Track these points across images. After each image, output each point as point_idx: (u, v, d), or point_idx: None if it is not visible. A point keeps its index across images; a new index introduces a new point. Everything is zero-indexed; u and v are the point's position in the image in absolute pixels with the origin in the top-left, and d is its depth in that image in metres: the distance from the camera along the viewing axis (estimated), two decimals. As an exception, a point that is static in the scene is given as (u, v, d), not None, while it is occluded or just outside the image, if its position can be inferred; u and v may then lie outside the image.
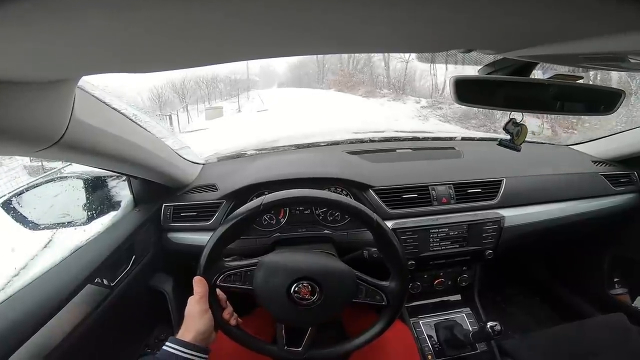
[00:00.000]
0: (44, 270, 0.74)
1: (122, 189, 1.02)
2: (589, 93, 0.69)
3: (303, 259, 0.73)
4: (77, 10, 0.21)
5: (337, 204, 0.74)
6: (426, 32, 0.33)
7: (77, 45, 0.29)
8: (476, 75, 0.65)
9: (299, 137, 1.42)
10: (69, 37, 0.26)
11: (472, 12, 0.27)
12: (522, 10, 0.27)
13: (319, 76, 10.06)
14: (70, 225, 0.90)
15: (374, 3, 0.24)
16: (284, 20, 0.26)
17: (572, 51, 0.46)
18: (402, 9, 0.25)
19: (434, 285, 1.15)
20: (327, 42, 0.35)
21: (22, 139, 0.43)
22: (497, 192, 1.08)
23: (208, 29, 0.27)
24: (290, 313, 0.70)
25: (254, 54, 0.40)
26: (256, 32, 0.28)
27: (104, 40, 0.27)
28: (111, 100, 0.63)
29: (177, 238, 1.02)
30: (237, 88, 9.75)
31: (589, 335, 1.00)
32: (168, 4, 0.21)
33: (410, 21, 0.29)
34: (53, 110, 0.44)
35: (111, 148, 0.65)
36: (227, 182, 1.05)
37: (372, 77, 10.42)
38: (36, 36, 0.25)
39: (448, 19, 0.28)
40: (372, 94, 9.98)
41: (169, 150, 0.94)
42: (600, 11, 0.27)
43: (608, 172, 1.22)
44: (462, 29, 0.32)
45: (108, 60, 0.36)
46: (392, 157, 1.21)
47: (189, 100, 9.23)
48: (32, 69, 0.36)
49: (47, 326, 0.64)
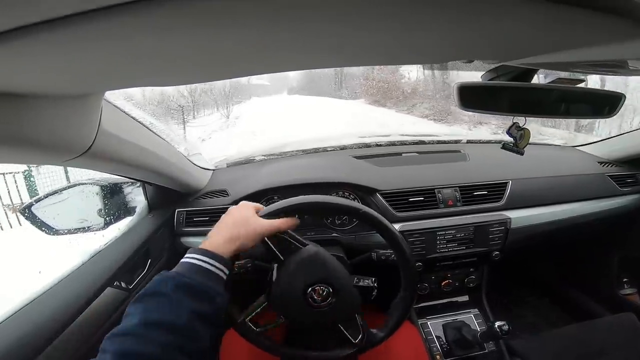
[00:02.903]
0: (66, 274, 0.77)
1: (136, 195, 1.05)
2: (590, 96, 0.70)
3: (323, 263, 0.74)
4: (106, 36, 0.24)
5: (338, 207, 0.77)
6: (429, 45, 0.35)
7: (105, 63, 0.32)
8: (479, 81, 0.67)
9: (307, 142, 1.45)
10: (98, 56, 0.29)
11: (473, 25, 0.29)
12: (522, 22, 0.29)
13: (336, 80, 7.68)
14: (88, 230, 0.94)
15: (380, 17, 0.26)
16: (291, 35, 0.29)
17: (572, 59, 0.48)
18: (405, 23, 0.27)
19: (442, 287, 1.17)
20: (329, 55, 0.37)
21: (53, 149, 0.46)
22: (503, 194, 1.10)
23: (228, 47, 0.30)
24: (301, 314, 0.72)
25: (258, 69, 0.42)
26: (265, 48, 0.31)
27: (130, 58, 0.30)
28: (130, 110, 0.66)
29: (190, 242, 1.05)
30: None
31: (599, 335, 1.00)
32: (191, 30, 0.25)
33: (414, 34, 0.30)
34: (83, 121, 0.48)
35: (132, 156, 0.69)
36: (238, 187, 1.08)
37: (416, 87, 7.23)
38: (68, 55, 0.28)
39: (450, 31, 0.30)
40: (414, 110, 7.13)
41: (182, 157, 0.97)
42: (597, 22, 0.29)
43: (614, 172, 1.23)
44: (463, 40, 0.34)
45: (134, 76, 0.39)
46: (398, 160, 1.23)
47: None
48: (64, 84, 0.39)
49: (69, 329, 0.67)
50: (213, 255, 0.55)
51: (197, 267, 0.54)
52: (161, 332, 0.45)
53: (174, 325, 0.46)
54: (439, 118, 5.75)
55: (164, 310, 0.47)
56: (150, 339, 0.44)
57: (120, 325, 0.47)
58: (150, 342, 0.44)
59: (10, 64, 0.29)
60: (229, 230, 0.61)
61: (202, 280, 0.52)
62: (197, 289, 0.51)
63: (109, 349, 0.44)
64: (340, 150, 1.35)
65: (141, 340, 0.44)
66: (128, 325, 0.46)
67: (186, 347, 0.47)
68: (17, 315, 0.64)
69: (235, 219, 0.64)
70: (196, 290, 0.51)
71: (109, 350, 0.43)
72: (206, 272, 0.54)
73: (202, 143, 4.77)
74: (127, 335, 0.45)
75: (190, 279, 0.51)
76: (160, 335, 0.45)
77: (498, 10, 0.26)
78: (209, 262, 0.55)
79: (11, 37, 0.23)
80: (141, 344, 0.44)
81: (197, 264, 0.54)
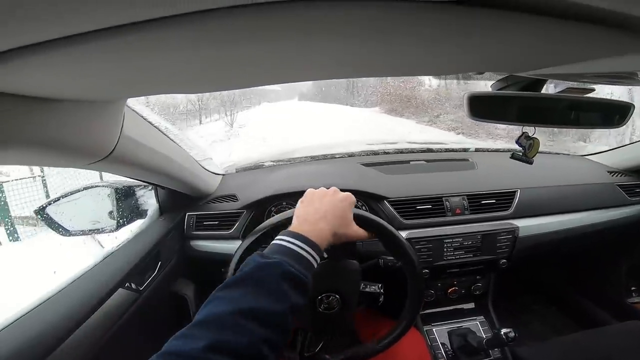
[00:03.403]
0: (80, 274, 0.78)
1: (148, 198, 1.07)
2: (599, 106, 0.71)
3: (332, 272, 0.76)
4: (133, 49, 0.26)
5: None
6: (441, 58, 0.36)
7: (131, 72, 0.34)
8: (489, 91, 0.68)
9: (315, 148, 1.46)
10: (124, 66, 0.31)
11: (485, 39, 0.30)
12: (532, 37, 0.29)
13: (349, 87, 7.08)
14: (101, 232, 0.96)
15: (395, 33, 0.27)
16: (311, 49, 0.30)
17: (581, 71, 0.49)
18: (418, 38, 0.28)
19: (448, 294, 1.17)
20: (345, 67, 0.38)
21: (78, 152, 0.48)
22: (512, 203, 1.10)
23: (245, 60, 0.31)
24: (317, 321, 0.75)
25: (277, 78, 0.44)
26: (285, 60, 0.33)
27: (154, 69, 0.32)
28: (148, 115, 0.68)
29: (199, 246, 1.07)
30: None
31: (605, 342, 0.99)
32: (211, 44, 0.26)
33: (426, 48, 0.32)
34: (106, 126, 0.49)
35: (149, 161, 0.70)
36: (247, 192, 1.09)
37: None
38: (97, 65, 0.30)
39: (462, 45, 0.32)
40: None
41: (194, 162, 0.99)
42: (606, 37, 0.30)
43: (624, 182, 1.22)
44: (475, 54, 0.35)
45: (156, 84, 0.41)
46: (406, 168, 1.24)
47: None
48: (92, 90, 0.41)
49: (82, 328, 0.68)
50: (314, 246, 0.53)
51: (300, 256, 0.51)
52: (256, 323, 0.41)
53: (271, 318, 0.43)
54: (469, 132, 5.07)
55: (267, 300, 0.44)
56: (246, 329, 0.40)
57: (206, 310, 0.42)
58: (243, 333, 0.40)
59: (44, 72, 0.31)
60: (333, 223, 0.58)
61: (305, 272, 0.50)
62: (301, 281, 0.48)
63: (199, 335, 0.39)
64: (348, 157, 1.36)
65: (237, 329, 0.40)
66: (219, 312, 0.41)
67: (275, 340, 0.43)
68: (31, 314, 0.65)
69: (336, 212, 0.61)
70: (300, 282, 0.48)
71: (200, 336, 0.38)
72: (308, 264, 0.52)
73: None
74: (219, 324, 0.40)
75: (296, 271, 0.48)
76: (254, 327, 0.41)
77: (509, 26, 0.27)
78: (310, 254, 0.52)
79: (46, 47, 0.25)
80: (236, 334, 0.40)
81: (301, 253, 0.52)
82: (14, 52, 0.25)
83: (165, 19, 0.22)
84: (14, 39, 0.24)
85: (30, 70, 0.29)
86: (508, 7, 0.25)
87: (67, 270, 0.78)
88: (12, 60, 0.26)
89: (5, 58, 0.26)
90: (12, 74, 0.29)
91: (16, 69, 0.28)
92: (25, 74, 0.30)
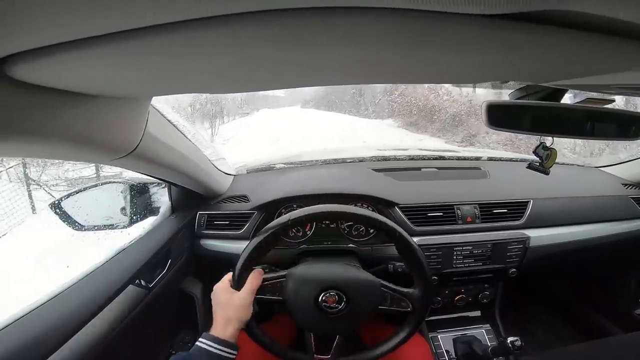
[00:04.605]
0: (91, 269, 0.79)
1: (161, 196, 1.08)
2: (619, 117, 0.70)
3: (329, 270, 0.78)
4: (161, 50, 0.27)
5: (356, 216, 0.78)
6: (464, 66, 0.36)
7: (158, 72, 0.35)
8: (508, 100, 0.68)
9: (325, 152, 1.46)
10: (153, 66, 0.32)
11: (511, 50, 0.30)
12: (556, 49, 0.30)
13: (354, 94, 6.25)
14: (114, 228, 0.97)
15: (425, 45, 0.28)
16: (329, 56, 0.31)
17: (603, 82, 0.49)
18: (442, 48, 0.29)
19: (455, 301, 1.16)
20: (362, 73, 0.39)
21: (104, 148, 0.49)
22: (524, 213, 1.09)
23: (268, 63, 0.32)
24: (317, 322, 0.75)
25: (296, 82, 0.44)
26: (306, 65, 0.34)
27: (180, 70, 0.34)
28: (167, 113, 0.69)
29: (209, 245, 1.08)
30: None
31: (610, 353, 0.97)
32: (235, 49, 0.28)
33: (450, 57, 0.32)
34: (131, 123, 0.50)
35: (168, 159, 0.71)
36: (258, 194, 1.10)
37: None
38: (127, 64, 0.31)
39: (486, 55, 0.32)
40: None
41: (208, 161, 1.00)
42: (629, 50, 0.30)
43: (637, 195, 1.21)
44: (499, 64, 0.36)
45: (182, 84, 0.41)
46: (418, 175, 1.23)
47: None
48: (120, 87, 0.42)
49: (92, 322, 0.69)
50: (220, 341, 0.65)
51: (210, 352, 0.63)
52: None
53: None
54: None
55: None
56: None
57: None
58: None
59: (79, 68, 0.32)
60: (223, 315, 0.69)
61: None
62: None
63: None
64: (359, 162, 1.36)
65: None
66: None
67: None
68: (42, 307, 0.66)
69: (221, 304, 0.71)
70: None
71: None
72: (218, 357, 0.63)
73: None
74: None
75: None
76: None
77: (536, 38, 0.27)
78: (218, 348, 0.64)
79: (83, 44, 0.26)
80: None
81: (209, 350, 0.64)
82: (55, 47, 0.26)
83: (191, 21, 0.23)
84: (57, 34, 0.25)
85: (67, 65, 0.31)
86: (535, 21, 0.25)
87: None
88: (53, 54, 0.27)
89: (46, 52, 0.27)
90: (50, 68, 0.31)
91: (55, 63, 0.29)
92: (62, 69, 0.32)
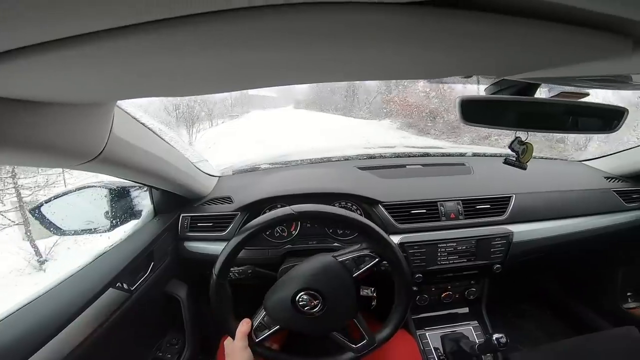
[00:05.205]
0: (69, 274, 0.78)
1: (143, 199, 1.07)
2: (592, 111, 0.70)
3: (311, 271, 0.77)
4: (121, 53, 0.26)
5: (344, 220, 0.79)
6: (427, 61, 0.36)
7: (119, 76, 0.33)
8: (482, 95, 0.68)
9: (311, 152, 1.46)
10: (113, 70, 0.31)
11: (471, 42, 0.30)
12: (520, 40, 0.29)
13: (348, 93, 5.79)
14: (95, 232, 0.96)
15: (381, 37, 0.27)
16: (296, 54, 0.30)
17: (572, 74, 0.49)
18: (404, 42, 0.28)
19: (442, 298, 1.17)
20: (329, 71, 0.38)
21: (66, 154, 0.48)
22: (506, 208, 1.09)
23: (236, 63, 0.31)
24: (297, 322, 0.75)
25: (264, 82, 0.44)
26: (268, 65, 0.33)
27: (143, 73, 0.32)
28: (141, 116, 0.68)
29: (193, 247, 1.07)
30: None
31: (599, 348, 0.98)
32: (199, 50, 0.26)
33: (412, 52, 0.32)
34: (95, 127, 0.49)
35: (141, 162, 0.70)
36: (242, 194, 1.09)
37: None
38: (84, 69, 0.30)
39: (448, 49, 0.31)
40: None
41: (189, 164, 0.99)
42: (594, 40, 0.29)
43: (620, 188, 1.22)
44: (461, 57, 0.35)
45: (146, 87, 0.41)
46: (402, 173, 1.24)
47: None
48: (79, 93, 0.41)
49: (70, 326, 0.68)
50: None
51: None
52: None
53: None
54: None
55: None
56: None
57: None
58: None
59: (30, 75, 0.31)
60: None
61: None
62: None
63: None
64: (345, 160, 1.36)
65: None
66: None
67: None
68: (19, 312, 0.66)
69: (228, 355, 0.76)
70: None
71: None
72: None
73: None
74: None
75: None
76: None
77: (496, 28, 0.27)
78: None
79: (33, 51, 0.25)
80: None
81: None
82: (3, 55, 0.25)
83: (156, 22, 0.22)
84: (3, 42, 0.24)
85: (18, 74, 0.29)
86: (495, 10, 0.25)
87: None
88: (2, 63, 0.26)
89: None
90: (0, 78, 0.29)
91: (4, 72, 0.28)
92: (13, 78, 0.30)
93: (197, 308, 1.11)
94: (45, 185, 3.09)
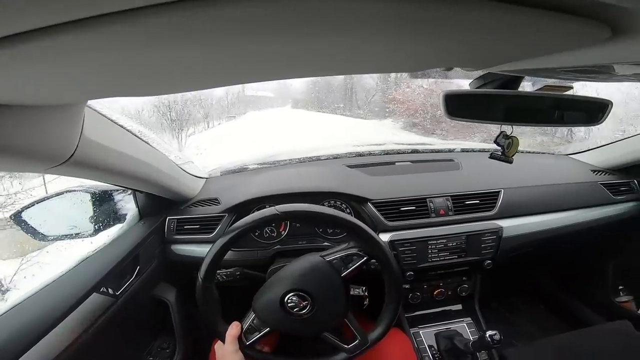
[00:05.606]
0: (52, 279, 0.77)
1: (127, 202, 1.04)
2: (578, 104, 0.70)
3: (298, 272, 0.76)
4: (87, 49, 0.24)
5: (333, 219, 0.78)
6: (405, 53, 0.35)
7: (86, 74, 0.31)
8: (466, 89, 0.67)
9: (301, 151, 1.45)
10: (79, 67, 0.29)
11: (448, 33, 0.29)
12: (496, 28, 0.28)
13: (346, 92, 5.63)
14: (77, 237, 0.93)
15: (362, 29, 0.26)
16: (276, 47, 0.29)
17: (553, 65, 0.48)
18: (381, 35, 0.27)
19: (434, 296, 1.16)
20: (305, 65, 0.37)
21: (34, 157, 0.46)
22: (495, 203, 1.09)
23: (210, 58, 0.30)
24: (286, 323, 0.74)
25: (242, 78, 0.42)
26: (243, 60, 0.31)
27: (111, 70, 0.30)
28: (117, 118, 0.67)
29: (180, 250, 1.05)
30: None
31: (593, 342, 0.99)
32: (171, 43, 0.24)
33: (390, 44, 0.31)
34: (63, 130, 0.47)
35: (118, 164, 0.68)
36: (229, 196, 1.08)
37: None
38: (48, 67, 0.28)
39: (425, 41, 0.30)
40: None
41: (173, 166, 0.97)
42: (573, 27, 0.28)
43: (608, 181, 1.23)
44: (439, 49, 0.34)
45: (115, 86, 0.39)
46: (391, 170, 1.23)
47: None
48: (44, 94, 0.39)
49: (53, 332, 0.67)
50: None
51: None
52: None
53: None
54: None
55: None
56: None
57: None
58: None
59: None
60: None
61: None
62: None
63: None
64: (334, 159, 1.35)
65: None
66: None
67: None
68: None
69: (219, 358, 0.76)
70: None
71: None
72: None
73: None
74: None
75: None
76: None
77: (472, 17, 0.26)
78: None
79: None
80: None
81: None
82: None
83: (122, 12, 0.20)
84: None
85: None
86: None
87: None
88: None
89: None
90: None
91: None
92: None
93: (187, 311, 1.10)
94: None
